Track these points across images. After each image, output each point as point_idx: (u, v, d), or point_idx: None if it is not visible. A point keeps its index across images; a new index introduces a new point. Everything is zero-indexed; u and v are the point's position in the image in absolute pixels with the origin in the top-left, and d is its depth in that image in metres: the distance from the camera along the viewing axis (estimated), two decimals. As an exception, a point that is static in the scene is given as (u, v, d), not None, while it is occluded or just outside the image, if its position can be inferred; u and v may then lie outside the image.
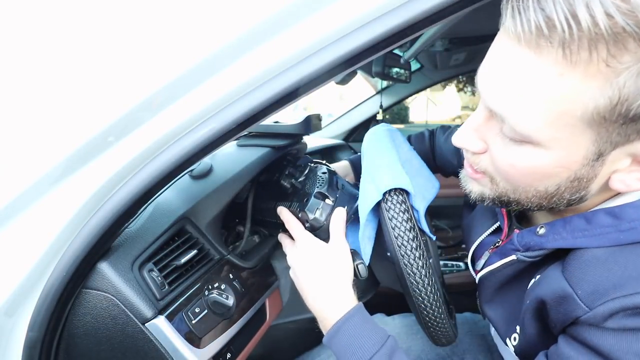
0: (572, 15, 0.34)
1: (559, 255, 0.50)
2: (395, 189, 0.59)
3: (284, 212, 0.70)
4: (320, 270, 0.62)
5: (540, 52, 0.37)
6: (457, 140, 0.50)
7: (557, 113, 0.39)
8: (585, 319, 0.43)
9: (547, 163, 0.43)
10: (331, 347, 0.58)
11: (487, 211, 0.68)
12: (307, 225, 0.67)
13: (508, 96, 0.41)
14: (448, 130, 0.92)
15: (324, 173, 0.71)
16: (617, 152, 0.41)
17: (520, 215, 0.64)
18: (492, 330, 0.76)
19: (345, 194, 0.69)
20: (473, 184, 0.54)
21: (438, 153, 0.93)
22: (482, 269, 0.63)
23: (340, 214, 0.66)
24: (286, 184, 0.77)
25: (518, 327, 0.55)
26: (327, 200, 0.67)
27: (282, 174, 0.80)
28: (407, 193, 0.60)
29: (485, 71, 0.44)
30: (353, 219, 0.70)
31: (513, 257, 0.55)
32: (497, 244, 0.62)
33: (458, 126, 0.89)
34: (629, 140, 0.39)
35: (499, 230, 0.64)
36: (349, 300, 0.60)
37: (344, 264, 0.62)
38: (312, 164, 0.78)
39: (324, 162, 0.80)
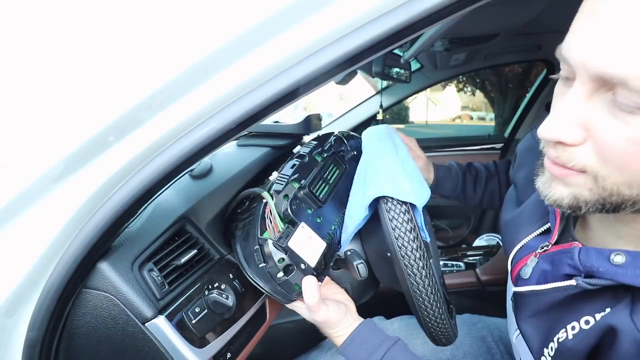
0: None
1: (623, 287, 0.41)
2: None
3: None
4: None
5: None
6: (548, 131, 0.39)
7: None
8: None
9: None
10: (345, 355, 0.60)
11: (538, 208, 0.58)
12: None
13: (626, 45, 0.32)
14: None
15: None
16: None
17: (575, 220, 0.54)
18: (509, 330, 0.73)
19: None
20: (560, 188, 0.42)
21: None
22: (528, 279, 0.54)
23: (310, 285, 0.58)
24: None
25: (556, 339, 0.49)
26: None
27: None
28: None
29: (585, 29, 0.35)
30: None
31: (572, 282, 0.45)
32: (544, 248, 0.53)
33: None
34: None
35: (547, 231, 0.56)
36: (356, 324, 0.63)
37: (326, 324, 0.61)
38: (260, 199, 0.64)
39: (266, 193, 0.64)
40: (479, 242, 1.84)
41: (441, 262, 1.65)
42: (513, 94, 3.73)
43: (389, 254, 0.59)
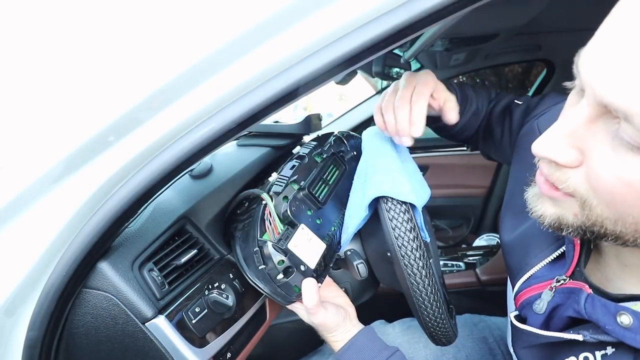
0: None
1: None
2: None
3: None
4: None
5: None
6: (541, 148, 0.37)
7: None
8: None
9: None
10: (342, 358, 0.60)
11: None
12: None
13: (637, 78, 0.29)
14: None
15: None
16: None
17: (589, 246, 0.49)
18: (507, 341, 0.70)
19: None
20: (547, 205, 0.41)
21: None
22: (542, 314, 0.49)
23: (310, 287, 0.58)
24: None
25: None
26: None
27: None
28: None
29: (599, 48, 0.32)
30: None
31: (579, 337, 0.42)
32: (561, 282, 0.48)
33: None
34: None
35: (561, 257, 0.51)
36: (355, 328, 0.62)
37: (324, 327, 0.61)
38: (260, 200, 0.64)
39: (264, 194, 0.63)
40: (479, 242, 1.84)
41: (441, 262, 1.65)
42: (513, 94, 3.73)
43: (388, 254, 0.59)
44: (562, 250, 0.51)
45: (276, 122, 0.91)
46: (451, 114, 0.67)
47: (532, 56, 1.76)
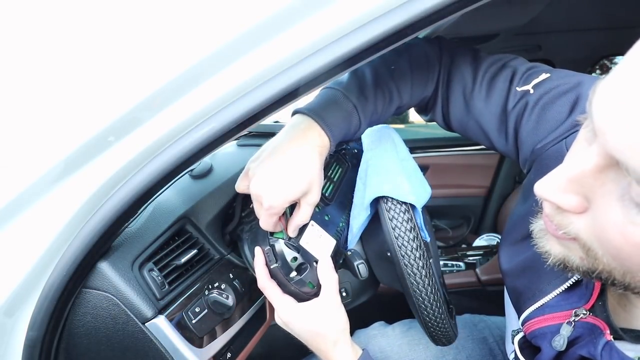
0: None
1: None
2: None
3: (257, 264, 0.59)
4: (312, 334, 0.58)
5: None
6: (543, 190, 0.34)
7: None
8: None
9: None
10: None
11: None
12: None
13: None
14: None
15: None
16: None
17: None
18: (506, 348, 0.68)
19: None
20: (553, 243, 0.38)
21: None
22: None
23: (327, 266, 0.58)
24: None
25: None
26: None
27: None
28: None
29: (617, 91, 0.27)
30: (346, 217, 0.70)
31: None
32: (579, 315, 0.45)
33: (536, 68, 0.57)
34: None
35: (577, 285, 0.48)
36: (350, 353, 0.59)
37: (335, 320, 0.58)
38: None
39: None
40: (479, 242, 1.84)
41: (441, 262, 1.65)
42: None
43: (388, 254, 0.59)
44: (578, 277, 0.48)
45: (276, 122, 0.92)
46: (290, 228, 0.59)
47: (532, 56, 1.76)
